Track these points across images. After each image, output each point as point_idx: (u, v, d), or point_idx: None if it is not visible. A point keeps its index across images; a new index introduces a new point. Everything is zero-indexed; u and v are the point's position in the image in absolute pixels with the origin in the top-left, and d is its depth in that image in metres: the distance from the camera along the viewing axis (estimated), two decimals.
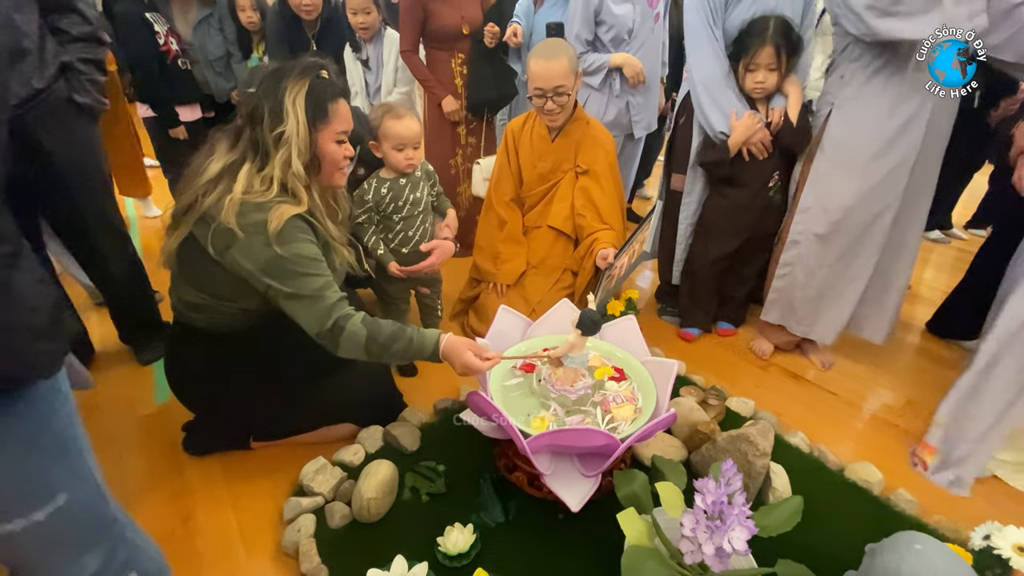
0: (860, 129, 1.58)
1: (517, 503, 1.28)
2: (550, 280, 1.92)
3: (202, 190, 1.12)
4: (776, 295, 1.86)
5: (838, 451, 1.49)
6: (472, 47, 2.26)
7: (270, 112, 1.12)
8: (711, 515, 0.91)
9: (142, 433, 1.53)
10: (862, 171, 1.59)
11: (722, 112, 1.74)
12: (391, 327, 1.18)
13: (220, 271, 1.15)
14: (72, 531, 0.72)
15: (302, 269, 1.13)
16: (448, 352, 1.18)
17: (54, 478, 0.68)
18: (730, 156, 1.75)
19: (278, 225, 1.09)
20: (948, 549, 0.82)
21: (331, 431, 1.48)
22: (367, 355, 1.18)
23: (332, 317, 1.14)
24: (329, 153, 1.21)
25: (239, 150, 1.16)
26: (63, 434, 0.69)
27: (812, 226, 1.71)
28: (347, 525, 1.23)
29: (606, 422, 1.17)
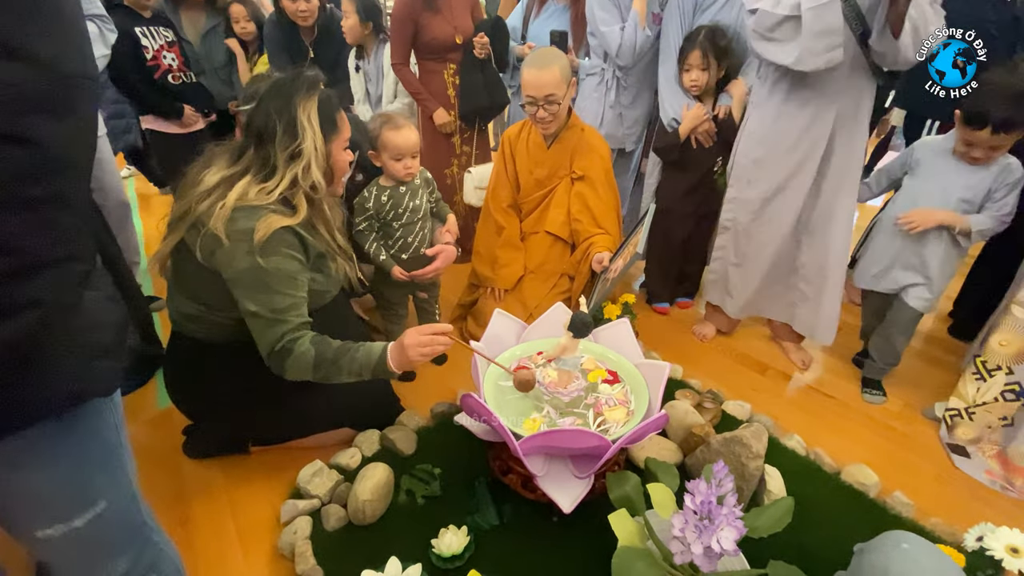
0: (770, 126, 1.70)
1: (512, 506, 1.29)
2: (548, 285, 1.93)
3: (196, 199, 1.13)
4: (713, 276, 2.00)
5: (835, 454, 1.48)
6: (464, 57, 2.29)
7: (285, 129, 1.14)
8: (700, 515, 0.92)
9: (143, 437, 1.55)
10: (773, 165, 1.72)
11: (675, 104, 1.96)
12: (339, 345, 1.15)
13: (210, 278, 1.15)
14: (107, 536, 0.73)
15: (274, 285, 1.12)
16: (395, 352, 1.14)
17: (96, 486, 0.69)
18: (680, 141, 1.95)
19: (263, 235, 1.09)
20: (935, 548, 0.82)
21: (329, 436, 1.49)
22: (314, 375, 1.14)
23: (282, 341, 1.12)
24: (340, 162, 1.26)
25: (241, 165, 1.17)
26: (109, 443, 0.70)
27: (738, 214, 1.85)
28: (343, 527, 1.25)
29: (598, 424, 1.18)
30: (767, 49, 1.56)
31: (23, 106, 0.48)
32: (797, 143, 1.67)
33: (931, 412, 1.71)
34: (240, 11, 2.42)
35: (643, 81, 2.15)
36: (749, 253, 1.88)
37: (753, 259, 1.88)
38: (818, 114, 1.62)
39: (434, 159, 2.45)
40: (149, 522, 0.80)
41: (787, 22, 1.48)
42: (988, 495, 1.43)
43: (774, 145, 1.71)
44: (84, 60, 0.54)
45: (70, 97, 0.52)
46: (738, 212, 1.85)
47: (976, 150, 1.49)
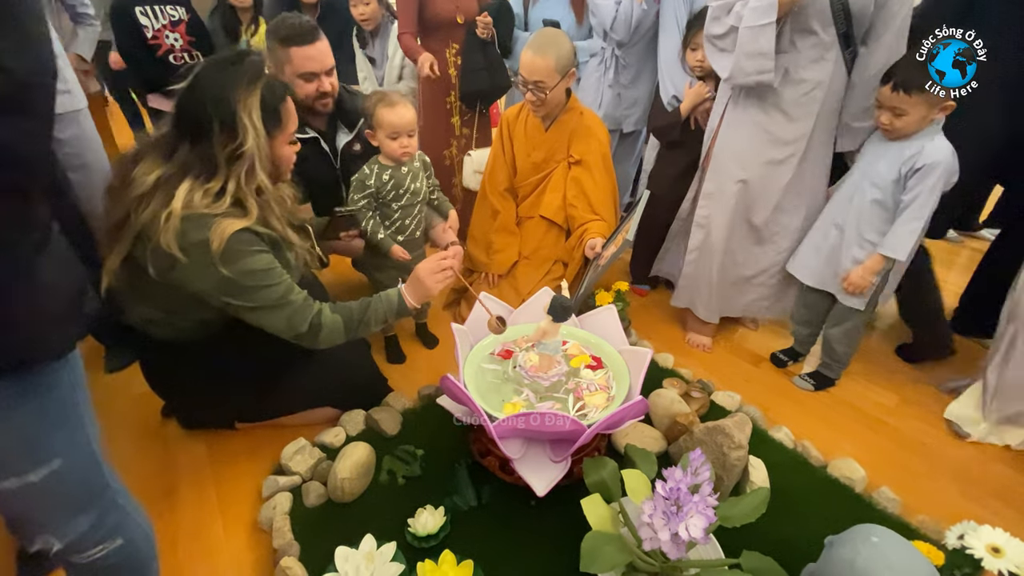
0: (746, 119, 1.65)
1: (491, 489, 1.28)
2: (541, 271, 1.92)
3: (135, 203, 1.04)
4: (685, 281, 1.93)
5: (823, 447, 1.46)
6: (466, 38, 2.26)
7: (223, 128, 1.04)
8: (670, 502, 0.91)
9: (134, 410, 1.57)
10: (754, 159, 1.67)
11: (677, 82, 1.94)
12: (357, 304, 1.22)
13: (168, 290, 1.10)
14: (65, 493, 0.74)
15: (258, 283, 1.10)
16: (410, 288, 1.26)
17: (51, 443, 0.71)
18: (680, 120, 1.90)
19: (220, 244, 1.03)
20: (906, 543, 0.81)
21: (315, 414, 1.50)
22: (347, 337, 1.23)
23: (307, 319, 1.16)
24: (285, 157, 1.20)
25: (176, 163, 1.06)
26: (65, 402, 0.72)
27: (713, 211, 1.78)
28: (322, 504, 1.26)
29: (577, 409, 1.17)
30: (711, 55, 1.58)
31: None
32: (780, 136, 1.62)
33: (948, 386, 1.70)
34: None
35: (643, 61, 2.11)
36: (719, 253, 1.80)
37: (722, 260, 1.81)
38: (804, 110, 1.58)
39: (433, 140, 2.43)
40: (114, 485, 0.81)
41: (731, 33, 1.50)
42: (978, 494, 1.40)
43: (756, 138, 1.65)
44: (41, 62, 0.57)
45: (28, 96, 0.56)
46: (713, 208, 1.77)
47: (883, 113, 1.47)
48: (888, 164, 1.49)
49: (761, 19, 1.43)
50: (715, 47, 1.58)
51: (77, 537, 0.76)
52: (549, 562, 1.12)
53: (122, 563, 0.83)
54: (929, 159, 1.42)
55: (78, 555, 0.78)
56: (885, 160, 1.51)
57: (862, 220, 1.55)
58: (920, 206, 1.45)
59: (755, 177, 1.69)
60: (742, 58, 1.49)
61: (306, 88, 1.58)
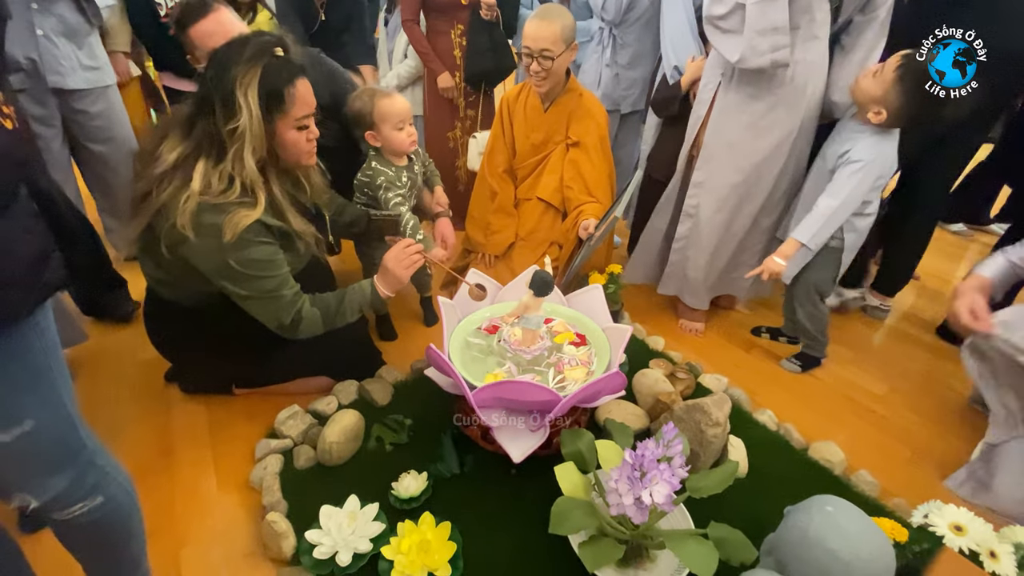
0: (741, 105, 1.61)
1: (474, 458, 1.33)
2: (537, 253, 1.93)
3: (157, 181, 1.09)
4: (672, 268, 1.91)
5: (806, 431, 1.47)
6: (471, 19, 2.26)
7: (222, 104, 1.05)
8: (636, 469, 0.94)
9: (138, 376, 1.64)
10: (746, 148, 1.63)
11: (681, 53, 1.90)
12: (333, 296, 1.27)
13: (177, 261, 1.15)
14: (38, 453, 0.76)
15: (255, 272, 1.14)
16: (381, 279, 1.30)
17: (22, 405, 0.72)
18: (680, 93, 1.84)
19: (233, 236, 1.07)
20: (860, 512, 0.82)
21: (310, 383, 1.55)
22: (325, 328, 1.30)
23: (290, 314, 1.22)
24: (290, 142, 1.16)
25: (193, 141, 1.10)
26: (36, 366, 0.73)
27: (703, 200, 1.75)
28: (311, 467, 1.31)
29: (556, 381, 1.20)
30: (715, 38, 1.50)
31: None
32: (770, 123, 1.59)
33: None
34: None
35: (642, 41, 2.10)
36: (708, 242, 1.78)
37: (711, 248, 1.80)
38: (795, 92, 1.55)
39: (437, 122, 2.45)
40: (91, 446, 0.83)
41: (736, 11, 1.41)
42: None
43: (748, 127, 1.61)
44: None
45: None
46: (703, 198, 1.74)
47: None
48: (832, 144, 1.55)
49: None
50: (719, 29, 1.50)
51: (55, 495, 0.78)
52: (523, 526, 1.16)
53: (104, 518, 0.85)
54: (865, 153, 1.45)
55: (59, 512, 0.80)
56: (834, 139, 1.56)
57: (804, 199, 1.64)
58: (835, 191, 1.47)
59: (748, 167, 1.67)
60: (754, 36, 1.41)
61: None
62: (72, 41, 1.78)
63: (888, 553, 0.77)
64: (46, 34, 1.70)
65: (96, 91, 1.87)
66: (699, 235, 1.79)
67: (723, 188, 1.70)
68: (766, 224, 1.80)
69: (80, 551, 0.90)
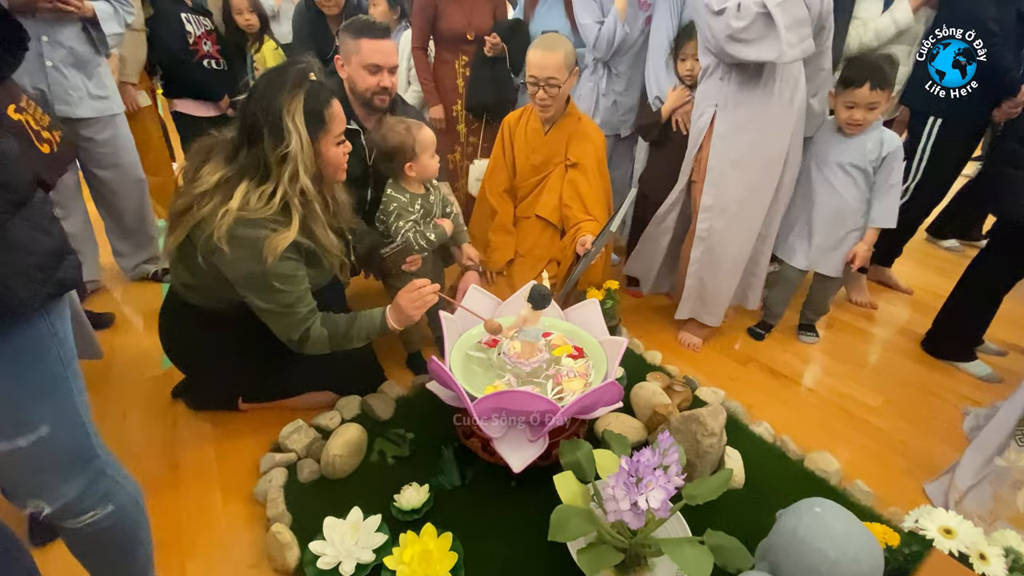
0: (740, 125, 1.71)
1: (475, 470, 1.35)
2: (536, 269, 1.98)
3: (197, 199, 1.17)
4: (688, 293, 1.94)
5: (803, 442, 1.50)
6: (476, 52, 2.37)
7: (271, 132, 1.14)
8: (632, 475, 0.96)
9: (146, 392, 1.67)
10: (749, 164, 1.73)
11: (662, 84, 2.03)
12: (344, 318, 1.31)
13: (211, 268, 1.22)
14: (53, 460, 0.78)
15: (277, 285, 1.21)
16: (392, 313, 1.32)
17: (39, 411, 0.74)
18: (661, 120, 2.01)
19: (274, 258, 1.15)
20: (848, 514, 0.85)
21: (314, 397, 1.58)
22: (331, 348, 1.34)
23: (300, 330, 1.27)
24: (332, 158, 1.27)
25: (237, 165, 1.18)
26: (52, 373, 0.75)
27: (714, 222, 1.81)
28: (315, 480, 1.33)
29: (555, 393, 1.23)
30: (741, 51, 1.55)
31: None
32: (768, 138, 1.70)
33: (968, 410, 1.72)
34: (243, 3, 2.45)
35: (635, 68, 2.19)
36: (724, 261, 1.84)
37: (727, 267, 1.86)
38: (785, 106, 1.67)
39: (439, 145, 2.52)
40: (103, 455, 0.85)
41: (757, 21, 1.50)
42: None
43: (750, 144, 1.70)
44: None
45: None
46: (715, 220, 1.79)
47: (857, 111, 1.72)
48: (853, 156, 1.79)
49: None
50: (743, 41, 1.53)
51: (67, 503, 0.80)
52: (523, 536, 1.18)
53: (113, 526, 0.87)
54: (892, 146, 1.76)
55: (70, 519, 0.82)
56: (848, 153, 1.79)
57: (842, 204, 1.83)
58: (895, 182, 1.79)
59: (753, 181, 1.75)
60: (785, 33, 1.49)
61: (368, 80, 1.62)
62: (81, 71, 1.84)
63: (875, 553, 0.79)
64: (55, 65, 1.76)
65: (104, 119, 1.93)
66: (715, 256, 1.84)
67: (733, 205, 1.76)
68: (771, 230, 1.89)
69: (89, 559, 0.92)
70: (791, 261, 1.96)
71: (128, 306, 2.15)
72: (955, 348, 1.95)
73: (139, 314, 2.09)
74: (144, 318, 2.06)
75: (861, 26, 2.09)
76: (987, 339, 1.97)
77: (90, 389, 1.66)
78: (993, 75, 1.94)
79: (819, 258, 1.91)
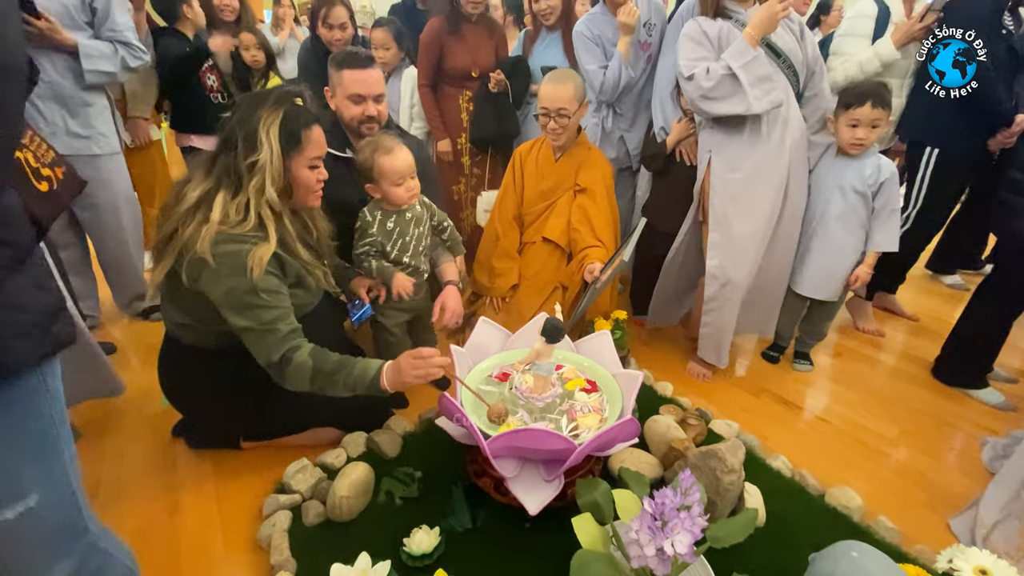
0: (733, 166, 1.77)
1: (486, 510, 1.30)
2: (543, 294, 1.97)
3: (181, 219, 1.17)
4: (706, 331, 1.93)
5: (822, 476, 1.46)
6: (480, 88, 2.42)
7: (244, 140, 1.17)
8: (656, 518, 0.93)
9: (144, 431, 1.63)
10: (747, 200, 1.77)
11: (668, 115, 2.07)
12: (336, 359, 1.22)
13: (199, 298, 1.20)
14: (42, 535, 0.72)
15: (258, 302, 1.18)
16: (390, 372, 1.21)
17: (28, 477, 0.68)
18: (665, 151, 2.03)
19: (259, 271, 1.14)
20: (886, 558, 0.81)
21: (318, 434, 1.54)
22: (312, 386, 1.22)
23: (281, 350, 1.20)
24: (303, 178, 1.26)
25: (214, 176, 1.20)
26: (44, 435, 0.70)
27: (724, 259, 1.83)
28: (321, 523, 1.28)
29: (570, 429, 1.20)
30: (713, 107, 1.68)
31: None
32: (762, 175, 1.75)
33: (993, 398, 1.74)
34: (250, 39, 2.51)
35: (638, 106, 2.23)
36: (741, 295, 1.85)
37: (746, 299, 1.88)
38: (776, 146, 1.74)
39: (443, 177, 2.55)
40: (93, 528, 0.79)
41: (723, 82, 1.64)
42: None
43: (744, 182, 1.76)
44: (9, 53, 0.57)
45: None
46: (723, 256, 1.81)
47: (860, 129, 1.76)
48: (852, 179, 1.81)
49: (746, 55, 1.62)
50: (714, 99, 1.67)
51: None
52: None
53: None
54: (889, 171, 1.80)
55: None
56: (848, 177, 1.82)
57: (843, 229, 1.85)
58: (895, 207, 1.82)
59: (755, 213, 1.77)
60: (751, 89, 1.62)
61: (353, 110, 1.64)
62: (62, 107, 1.81)
63: None
64: (29, 98, 1.72)
65: (82, 159, 1.84)
66: (728, 292, 1.84)
67: (741, 239, 1.79)
68: (786, 261, 1.92)
69: None
70: (794, 287, 1.96)
71: (126, 341, 2.11)
72: (966, 375, 1.93)
73: (137, 349, 2.06)
74: (142, 353, 2.02)
75: (846, 60, 2.14)
76: (997, 366, 1.95)
77: (87, 428, 1.64)
78: (987, 107, 1.98)
79: (820, 283, 1.91)
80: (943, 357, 2.01)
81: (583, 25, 2.13)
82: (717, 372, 2.01)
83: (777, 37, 1.70)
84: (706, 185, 1.85)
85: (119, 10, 1.89)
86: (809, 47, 1.78)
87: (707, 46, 1.71)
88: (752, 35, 1.62)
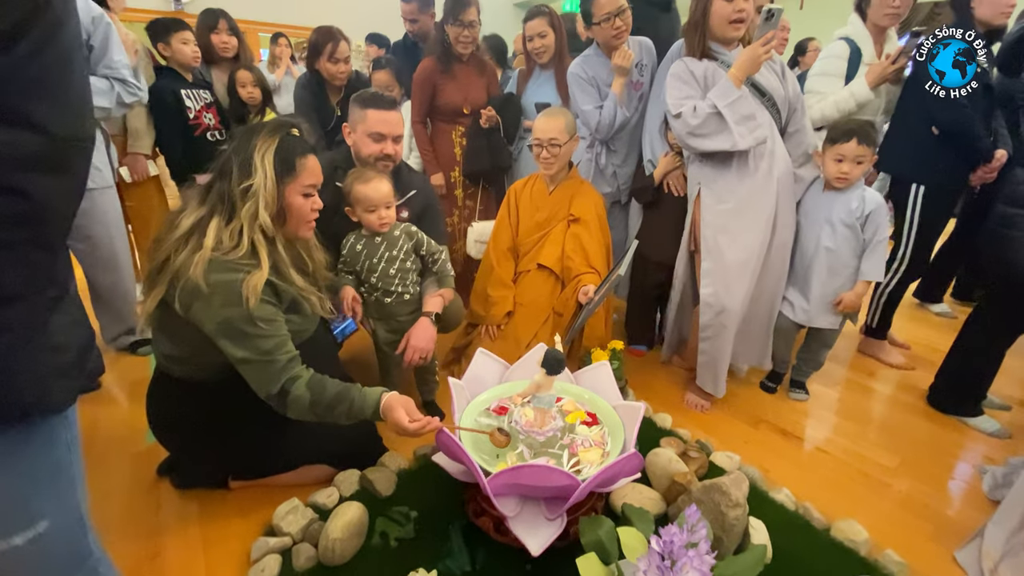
0: (722, 197, 1.82)
1: (485, 551, 1.26)
2: (539, 320, 1.96)
3: (174, 247, 1.15)
4: (704, 359, 1.93)
5: (825, 509, 1.43)
6: (472, 123, 2.47)
7: (239, 166, 1.18)
8: (664, 557, 0.90)
9: (128, 469, 1.56)
10: (738, 230, 1.81)
11: (656, 149, 2.14)
12: (335, 388, 1.22)
13: (191, 329, 1.17)
14: (49, 560, 0.71)
15: (255, 331, 1.16)
16: (386, 410, 1.22)
17: (39, 504, 0.68)
18: (653, 184, 2.11)
19: (255, 299, 1.13)
20: None
21: (309, 472, 1.49)
22: (314, 417, 1.23)
23: (280, 381, 1.19)
24: (296, 206, 1.27)
25: (208, 204, 1.20)
26: (58, 461, 0.70)
27: (717, 287, 1.84)
28: (312, 567, 1.22)
29: (572, 464, 1.17)
30: (700, 143, 1.74)
31: (22, 164, 0.54)
32: (751, 204, 1.78)
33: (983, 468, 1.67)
34: (247, 77, 2.55)
35: (631, 142, 2.29)
36: (736, 323, 1.86)
37: (741, 327, 1.89)
38: (764, 177, 1.77)
39: None
40: (97, 552, 0.78)
41: (709, 120, 1.70)
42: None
43: (733, 212, 1.79)
44: (82, 125, 0.60)
45: (66, 157, 0.59)
46: (717, 284, 1.83)
47: (845, 163, 1.81)
48: (840, 212, 1.85)
49: (730, 95, 1.67)
50: (701, 136, 1.73)
51: None
52: None
53: None
54: (874, 203, 1.84)
55: None
56: (836, 210, 1.86)
57: (835, 260, 1.88)
58: (882, 238, 1.85)
59: (745, 241, 1.79)
60: (736, 127, 1.68)
61: (372, 147, 1.71)
62: None
63: None
64: None
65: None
66: (723, 319, 1.84)
67: (733, 267, 1.80)
68: (777, 290, 1.94)
69: None
70: (789, 315, 1.97)
71: (111, 376, 2.05)
72: (961, 403, 1.94)
73: (123, 385, 1.99)
74: (128, 389, 1.96)
75: (822, 99, 2.21)
76: (991, 393, 1.96)
77: None
78: (965, 143, 2.03)
79: (816, 313, 1.93)
80: (937, 386, 2.01)
81: (578, 67, 2.20)
82: (715, 402, 2.00)
83: (761, 76, 1.76)
84: (696, 216, 1.89)
85: (116, 48, 1.91)
86: (790, 86, 1.85)
87: (693, 85, 1.77)
88: (736, 75, 1.68)
